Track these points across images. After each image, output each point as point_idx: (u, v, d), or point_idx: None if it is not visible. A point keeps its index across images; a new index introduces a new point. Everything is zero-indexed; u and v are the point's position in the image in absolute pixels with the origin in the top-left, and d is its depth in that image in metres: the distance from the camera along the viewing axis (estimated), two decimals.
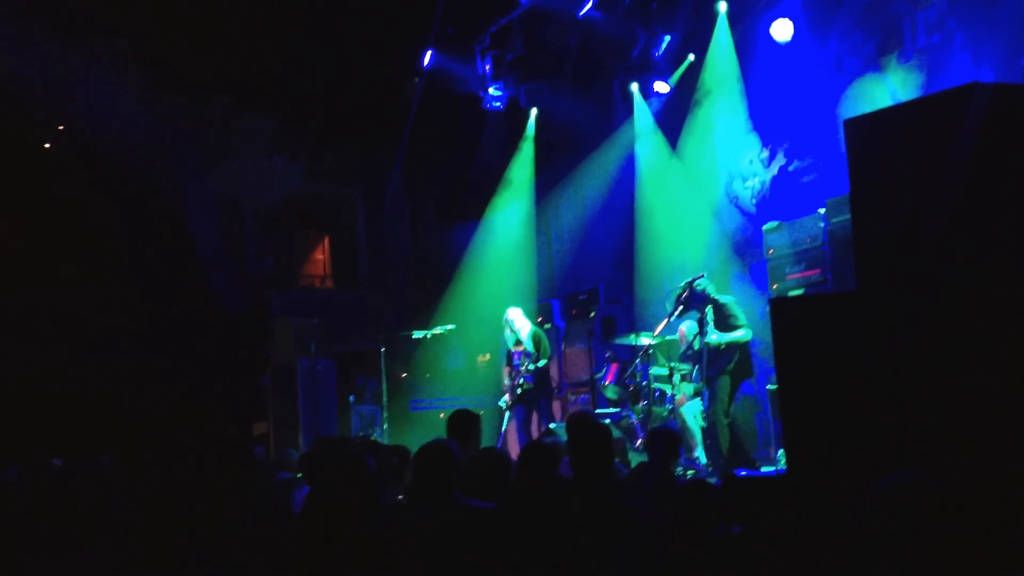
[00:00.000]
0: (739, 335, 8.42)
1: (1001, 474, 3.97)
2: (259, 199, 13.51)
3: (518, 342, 10.40)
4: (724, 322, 8.51)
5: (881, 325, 4.65)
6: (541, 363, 10.17)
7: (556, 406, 11.23)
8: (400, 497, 5.84)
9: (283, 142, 13.38)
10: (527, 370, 10.18)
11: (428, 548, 3.52)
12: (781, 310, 5.23)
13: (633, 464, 8.16)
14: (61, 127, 12.86)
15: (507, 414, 10.54)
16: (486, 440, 9.03)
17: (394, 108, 13.53)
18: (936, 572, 2.12)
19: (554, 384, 10.79)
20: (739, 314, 8.55)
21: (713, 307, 8.57)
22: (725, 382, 8.41)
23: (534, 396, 10.31)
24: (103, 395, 11.86)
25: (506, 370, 10.59)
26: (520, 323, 10.48)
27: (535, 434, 9.95)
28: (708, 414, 8.42)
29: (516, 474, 4.78)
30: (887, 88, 9.23)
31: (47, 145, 12.97)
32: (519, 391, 10.28)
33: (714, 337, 8.38)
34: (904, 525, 2.16)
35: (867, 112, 5.43)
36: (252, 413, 12.30)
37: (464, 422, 6.43)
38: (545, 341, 10.37)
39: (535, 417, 10.40)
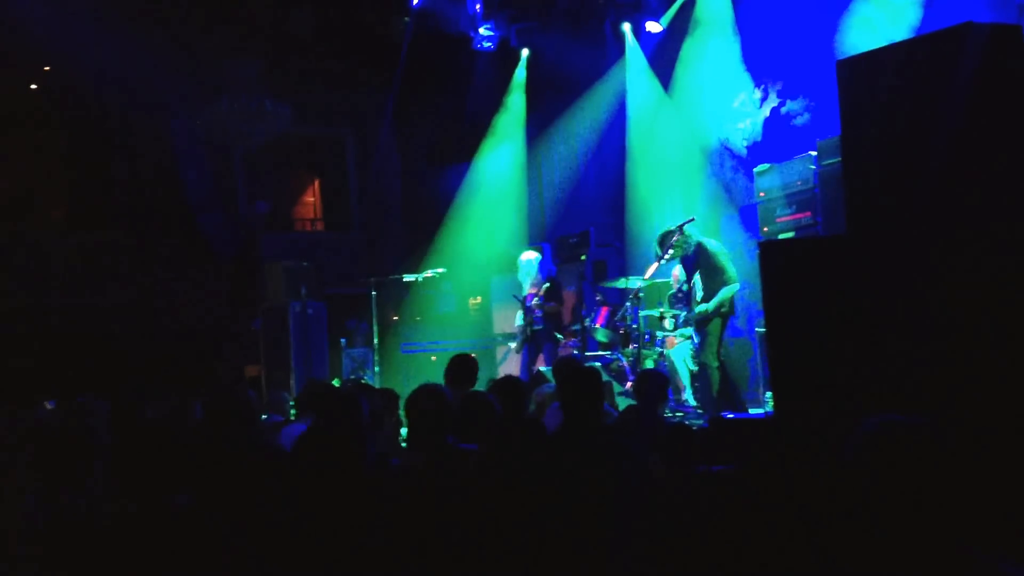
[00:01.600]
0: (725, 292, 8.24)
1: (989, 416, 4.01)
2: (248, 141, 13.40)
3: (533, 285, 10.45)
4: (710, 273, 8.36)
5: (870, 268, 4.66)
6: (548, 306, 10.24)
7: (547, 349, 11.29)
8: (389, 439, 5.88)
9: (272, 83, 13.24)
10: (537, 305, 10.27)
11: (420, 492, 3.55)
12: (770, 254, 5.24)
13: (621, 407, 8.21)
14: (47, 68, 12.70)
15: (504, 354, 10.62)
16: (483, 384, 9.10)
17: (384, 49, 13.39)
18: (921, 516, 2.14)
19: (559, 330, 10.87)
20: (728, 266, 8.37)
21: (699, 256, 8.44)
22: (715, 325, 8.36)
23: (541, 339, 10.40)
24: (93, 338, 11.87)
25: (519, 312, 10.63)
26: (534, 266, 10.57)
27: None
28: (699, 358, 8.41)
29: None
30: (884, 15, 9.05)
31: (33, 87, 12.83)
32: (529, 332, 10.38)
33: (704, 307, 8.25)
34: (889, 468, 2.17)
35: (860, 52, 5.37)
36: (243, 356, 12.32)
37: (463, 366, 6.45)
38: (555, 289, 10.43)
39: (541, 359, 10.49)
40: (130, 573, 3.07)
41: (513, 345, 10.87)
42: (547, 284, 10.27)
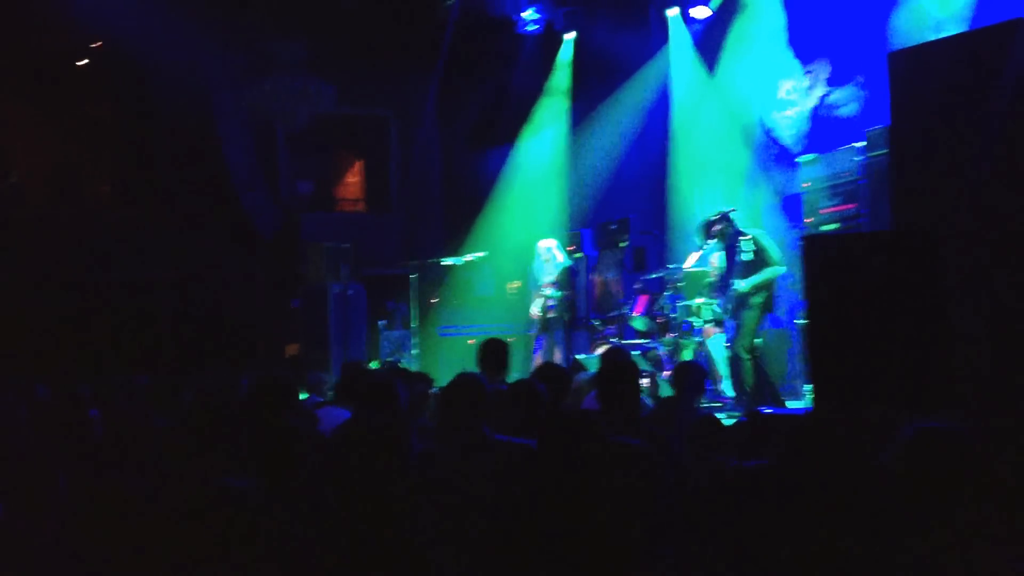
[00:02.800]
0: (770, 272, 8.27)
1: None
2: (292, 120, 13.46)
3: (548, 273, 10.46)
4: (757, 256, 8.35)
5: (915, 265, 4.60)
6: (559, 294, 10.24)
7: (584, 336, 11.28)
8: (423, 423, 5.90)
9: (316, 63, 13.28)
10: (551, 298, 10.28)
11: (456, 484, 3.56)
12: (814, 247, 5.20)
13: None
14: (94, 45, 12.82)
15: (537, 342, 10.65)
16: (516, 369, 9.11)
17: (428, 30, 13.38)
18: (955, 522, 2.12)
19: (580, 316, 10.87)
20: (772, 248, 8.39)
21: (744, 241, 8.44)
22: (751, 316, 8.31)
23: (555, 325, 10.41)
24: (135, 316, 12.00)
25: (537, 299, 10.66)
26: (550, 255, 10.55)
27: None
28: (731, 348, 8.38)
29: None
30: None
31: (81, 63, 12.96)
32: (545, 318, 10.40)
33: (743, 285, 8.25)
34: (926, 475, 2.15)
35: (911, 46, 5.30)
36: (283, 335, 12.42)
37: (494, 351, 6.35)
38: (568, 276, 10.42)
39: (556, 348, 10.51)
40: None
41: (533, 333, 10.85)
42: (561, 272, 10.26)
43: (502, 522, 2.91)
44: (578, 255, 11.91)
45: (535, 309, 10.61)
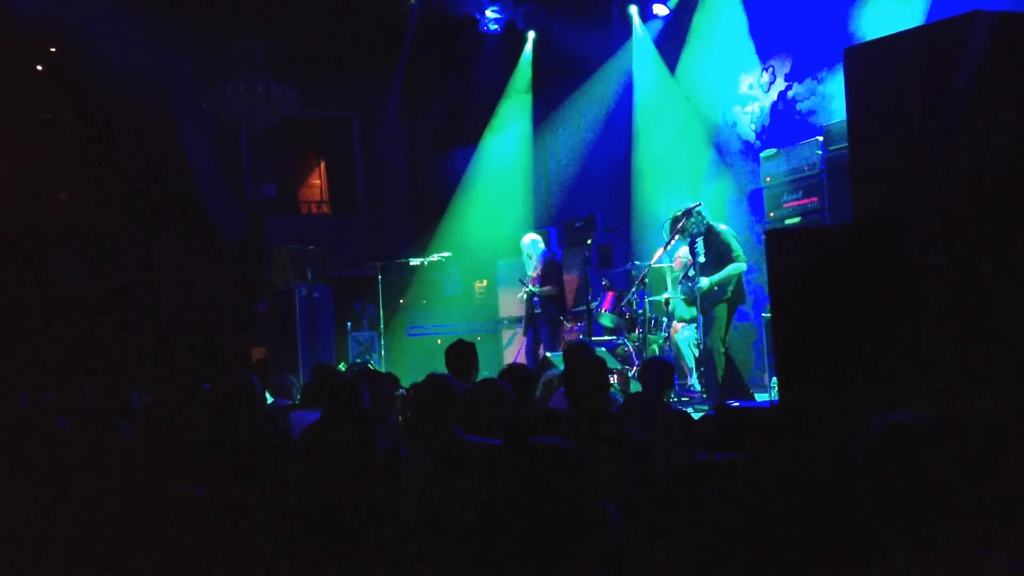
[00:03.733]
0: (732, 269, 8.34)
1: (999, 412, 3.99)
2: (254, 123, 13.38)
3: (535, 268, 10.50)
4: (719, 253, 8.42)
5: (876, 257, 4.65)
6: (543, 290, 10.24)
7: (554, 334, 11.31)
8: (393, 424, 5.89)
9: (278, 65, 13.21)
10: (532, 292, 10.31)
11: (427, 486, 3.56)
12: (776, 241, 5.24)
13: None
14: (53, 49, 12.68)
15: (509, 338, 10.67)
16: (488, 368, 9.12)
17: (390, 30, 13.35)
18: (929, 516, 2.14)
19: (566, 310, 10.89)
20: (734, 244, 8.46)
21: (708, 236, 8.50)
22: (722, 310, 8.40)
23: (541, 321, 10.44)
24: (99, 323, 11.90)
25: (523, 295, 10.67)
26: (535, 249, 10.59)
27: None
28: (705, 343, 8.42)
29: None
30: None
31: (39, 68, 12.82)
32: (531, 314, 10.44)
33: (704, 281, 8.31)
34: (897, 468, 2.16)
35: (867, 40, 5.35)
36: (250, 339, 12.35)
37: (461, 353, 6.35)
38: (556, 271, 10.45)
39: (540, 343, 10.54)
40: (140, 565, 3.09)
41: (519, 329, 10.91)
42: (545, 267, 10.29)
43: (473, 523, 2.91)
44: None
45: (521, 305, 10.65)
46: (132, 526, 3.19)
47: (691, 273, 8.77)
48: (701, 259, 8.41)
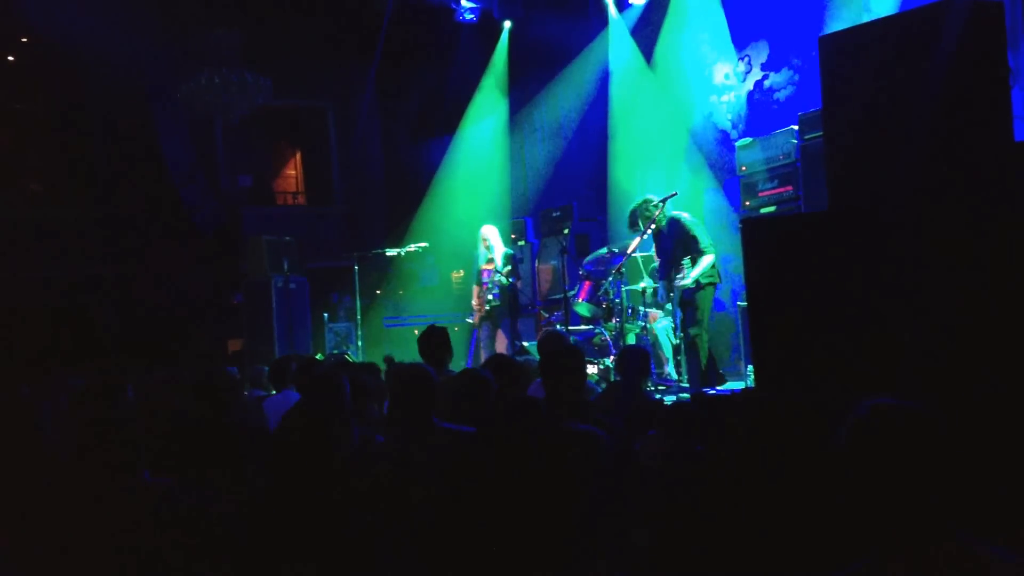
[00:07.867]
0: (707, 262, 8.25)
1: (978, 398, 4.02)
2: (229, 113, 13.29)
3: (490, 260, 10.37)
4: (685, 244, 8.35)
5: (851, 245, 4.67)
6: (507, 280, 10.15)
7: (530, 323, 11.30)
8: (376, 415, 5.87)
9: (253, 55, 13.12)
10: (494, 284, 10.22)
11: (405, 474, 3.55)
12: (752, 230, 5.24)
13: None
14: (24, 40, 12.54)
15: (475, 332, 10.62)
16: (457, 357, 9.08)
17: (366, 20, 13.28)
18: (913, 500, 2.14)
19: (525, 303, 10.85)
20: (700, 234, 8.34)
21: (672, 228, 8.44)
22: (703, 297, 8.32)
23: (500, 313, 10.36)
24: (73, 314, 11.79)
25: (475, 288, 10.59)
26: (494, 241, 10.45)
27: (500, 352, 9.99)
28: (688, 331, 8.35)
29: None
30: None
31: (10, 58, 12.68)
32: (487, 308, 10.33)
33: (687, 281, 8.24)
34: (881, 453, 2.16)
35: (842, 28, 5.35)
36: (226, 331, 12.28)
37: (433, 338, 6.29)
38: (515, 265, 10.39)
39: (500, 335, 10.46)
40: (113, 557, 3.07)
41: (470, 320, 10.77)
42: (503, 259, 10.22)
43: (449, 510, 2.91)
44: (521, 243, 11.93)
45: (475, 299, 10.56)
46: (104, 517, 3.17)
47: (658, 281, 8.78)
48: (655, 265, 8.37)
